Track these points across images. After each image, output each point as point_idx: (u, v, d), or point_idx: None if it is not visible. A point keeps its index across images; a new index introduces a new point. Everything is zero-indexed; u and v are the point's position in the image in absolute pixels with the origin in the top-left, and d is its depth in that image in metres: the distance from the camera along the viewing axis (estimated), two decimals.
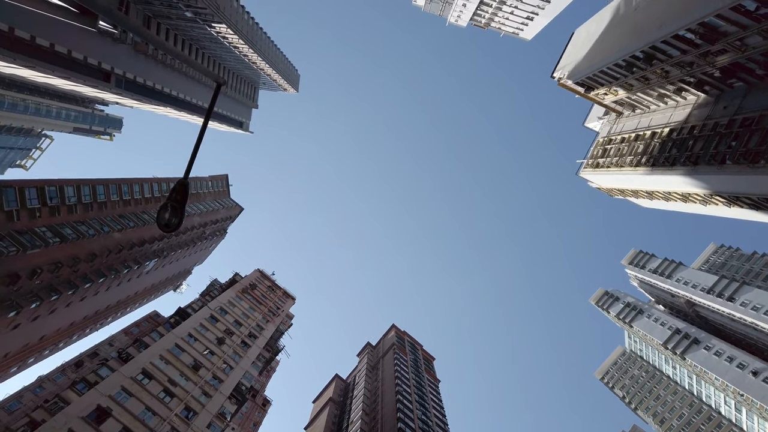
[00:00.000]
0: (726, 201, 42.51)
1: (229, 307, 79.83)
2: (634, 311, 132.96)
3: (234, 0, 77.30)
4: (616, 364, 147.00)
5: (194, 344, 65.21)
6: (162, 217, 9.58)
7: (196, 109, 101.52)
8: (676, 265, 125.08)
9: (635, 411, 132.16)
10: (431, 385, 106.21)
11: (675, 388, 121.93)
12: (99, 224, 63.90)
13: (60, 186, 57.43)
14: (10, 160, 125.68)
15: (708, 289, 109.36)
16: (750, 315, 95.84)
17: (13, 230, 50.31)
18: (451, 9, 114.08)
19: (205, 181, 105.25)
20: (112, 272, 70.58)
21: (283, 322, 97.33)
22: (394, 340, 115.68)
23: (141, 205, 76.58)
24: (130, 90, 75.98)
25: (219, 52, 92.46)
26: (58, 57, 57.81)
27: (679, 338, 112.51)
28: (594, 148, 60.95)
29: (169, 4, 64.72)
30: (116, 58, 68.28)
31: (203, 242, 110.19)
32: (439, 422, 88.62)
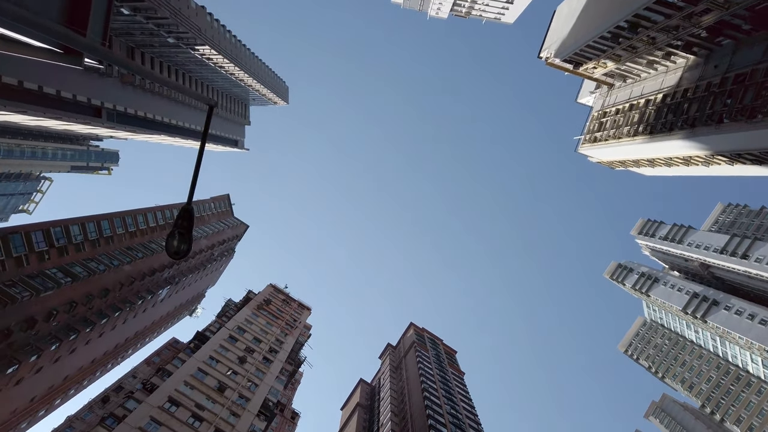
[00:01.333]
0: (728, 159, 42.34)
1: (246, 325, 79.95)
2: (650, 280, 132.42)
3: (214, 21, 77.47)
4: (638, 335, 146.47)
5: (217, 366, 65.33)
6: (171, 245, 9.65)
7: (190, 133, 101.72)
8: (686, 230, 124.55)
9: (663, 380, 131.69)
10: (456, 378, 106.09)
11: (700, 352, 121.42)
12: (108, 259, 64.14)
13: (65, 226, 57.67)
14: (13, 206, 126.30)
15: (721, 249, 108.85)
16: (766, 270, 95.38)
17: (25, 275, 50.55)
18: (431, 2, 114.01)
19: (207, 203, 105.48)
20: (127, 305, 70.80)
21: (301, 333, 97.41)
22: (414, 338, 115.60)
23: (147, 235, 76.81)
24: (122, 122, 76.22)
25: (206, 74, 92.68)
26: (48, 98, 58.11)
27: (697, 302, 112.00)
28: (590, 123, 60.82)
29: (150, 32, 64.96)
30: (105, 92, 68.53)
31: (213, 264, 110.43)
32: (469, 414, 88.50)
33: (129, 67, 9.23)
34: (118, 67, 68.11)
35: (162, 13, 59.40)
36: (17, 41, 10.73)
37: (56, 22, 10.89)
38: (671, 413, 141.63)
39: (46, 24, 8.74)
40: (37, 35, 10.93)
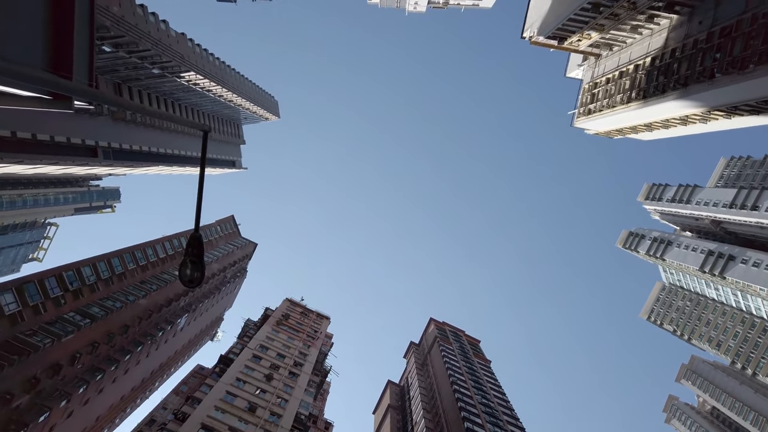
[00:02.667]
0: (725, 113, 42.12)
1: (268, 343, 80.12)
2: (663, 244, 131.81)
3: (196, 46, 77.70)
4: (659, 300, 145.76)
5: (245, 387, 65.49)
6: (185, 275, 9.69)
7: (187, 160, 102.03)
8: (692, 189, 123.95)
9: (689, 341, 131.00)
10: (483, 367, 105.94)
11: (722, 308, 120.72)
12: (123, 295, 64.42)
13: (77, 269, 57.96)
14: (23, 256, 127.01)
15: (729, 203, 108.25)
16: None
17: (44, 323, 50.84)
18: None
19: (213, 227, 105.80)
20: (148, 338, 71.08)
21: (323, 343, 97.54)
22: (435, 333, 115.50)
23: (159, 267, 77.11)
24: (119, 158, 76.57)
25: (194, 100, 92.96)
26: (43, 145, 58.46)
27: (713, 259, 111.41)
28: (582, 96, 60.63)
29: (135, 66, 65.21)
30: (98, 131, 68.86)
31: (227, 287, 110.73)
32: (500, 401, 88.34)
33: (119, 105, 9.26)
34: (109, 107, 68.50)
35: (143, 46, 59.61)
36: (5, 93, 10.78)
37: (41, 69, 10.94)
38: (702, 373, 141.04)
39: (33, 73, 8.77)
40: (25, 85, 10.97)
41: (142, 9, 59.80)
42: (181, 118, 9.37)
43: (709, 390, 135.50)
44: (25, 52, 11.46)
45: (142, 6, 59.64)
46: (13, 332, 47.24)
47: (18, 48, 11.05)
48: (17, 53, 11.38)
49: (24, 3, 10.59)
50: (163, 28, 65.19)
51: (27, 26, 11.08)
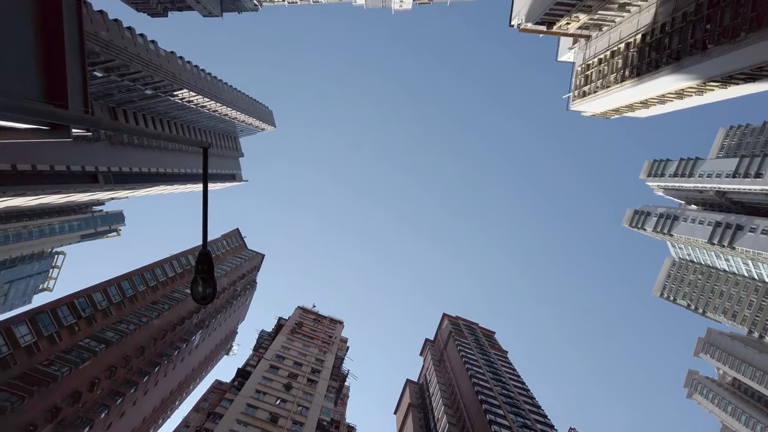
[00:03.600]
0: (720, 83, 41.98)
1: (284, 352, 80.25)
2: (669, 219, 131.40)
3: (186, 63, 77.87)
4: (670, 276, 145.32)
5: (265, 398, 65.61)
6: (197, 292, 9.73)
7: (188, 178, 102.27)
8: (694, 162, 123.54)
9: (704, 315, 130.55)
10: (500, 358, 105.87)
11: (735, 279, 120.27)
12: (136, 318, 64.62)
13: (88, 295, 58.18)
14: (33, 287, 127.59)
15: (732, 173, 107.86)
16: None
17: (60, 352, 51.04)
18: None
19: (219, 242, 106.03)
20: (164, 358, 71.27)
21: (339, 348, 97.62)
22: (450, 329, 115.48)
23: (169, 286, 77.31)
24: (120, 182, 76.82)
25: (190, 117, 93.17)
26: (44, 175, 58.68)
27: (721, 230, 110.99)
28: (575, 79, 60.50)
29: (128, 89, 65.43)
30: (97, 157, 69.08)
31: (238, 300, 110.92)
32: (521, 391, 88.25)
33: (117, 129, 9.33)
34: (106, 132, 68.76)
35: (134, 68, 59.79)
36: (3, 128, 10.84)
37: (37, 100, 10.99)
38: (720, 346, 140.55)
39: (29, 106, 8.82)
40: (22, 118, 11.03)
41: (130, 31, 59.96)
42: (179, 137, 9.39)
43: (729, 361, 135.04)
44: (19, 86, 11.53)
45: (129, 29, 59.80)
46: (31, 363, 47.45)
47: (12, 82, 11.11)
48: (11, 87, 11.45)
49: (14, 37, 10.65)
50: (152, 48, 65.36)
51: (19, 59, 11.14)
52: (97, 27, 51.55)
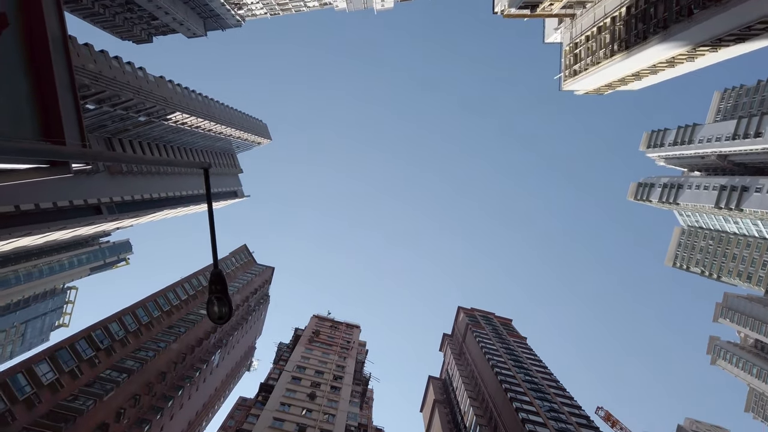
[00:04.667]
0: (710, 47, 41.81)
1: (304, 362, 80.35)
2: (674, 188, 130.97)
3: (176, 86, 78.09)
4: (681, 244, 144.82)
5: (290, 410, 65.70)
6: (213, 312, 9.78)
7: (191, 199, 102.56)
8: (692, 128, 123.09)
9: (719, 279, 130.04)
10: (520, 345, 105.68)
11: (746, 241, 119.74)
12: (154, 344, 64.83)
13: (104, 326, 58.43)
14: (49, 324, 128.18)
15: (732, 135, 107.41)
16: None
17: (83, 386, 51.25)
18: None
19: (228, 259, 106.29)
20: (186, 380, 71.46)
21: (359, 352, 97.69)
22: (466, 321, 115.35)
23: (183, 309, 77.53)
24: (123, 211, 77.08)
25: (186, 139, 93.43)
26: (47, 213, 58.92)
27: (727, 194, 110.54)
28: (564, 59, 60.36)
29: (121, 118, 65.67)
30: (98, 189, 69.34)
31: (253, 315, 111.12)
32: (544, 376, 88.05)
33: (117, 160, 9.34)
34: (104, 163, 69.00)
35: (125, 96, 60.00)
36: (3, 170, 10.90)
37: (34, 140, 11.05)
38: (738, 308, 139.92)
39: (28, 146, 8.88)
40: (21, 159, 11.10)
41: (117, 61, 60.19)
42: (178, 161, 9.44)
43: (749, 323, 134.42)
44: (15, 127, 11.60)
45: (116, 58, 60.03)
46: (55, 400, 47.67)
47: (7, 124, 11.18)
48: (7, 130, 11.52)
49: (5, 79, 10.70)
50: (141, 75, 65.58)
51: (12, 101, 11.20)
52: (85, 60, 51.76)
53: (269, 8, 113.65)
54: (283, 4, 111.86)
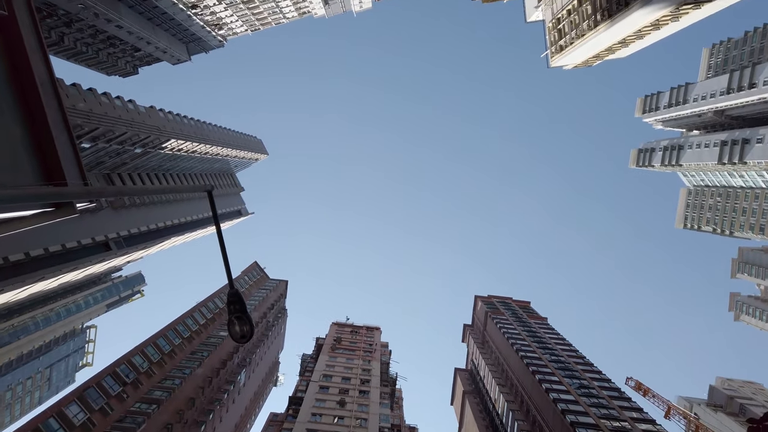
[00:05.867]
0: (693, 4, 41.57)
1: (330, 370, 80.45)
2: (675, 150, 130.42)
3: (167, 114, 78.34)
4: (689, 205, 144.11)
5: (322, 419, 65.80)
6: (235, 332, 9.80)
7: (196, 224, 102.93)
8: (685, 88, 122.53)
9: (732, 235, 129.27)
10: (541, 326, 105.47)
11: (754, 193, 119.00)
12: (179, 371, 65.05)
13: (128, 360, 58.69)
14: (73, 365, 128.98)
15: (726, 90, 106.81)
16: None
17: (114, 422, 51.48)
18: (351, 0, 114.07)
19: (240, 278, 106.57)
20: (216, 403, 71.68)
21: (382, 353, 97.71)
22: (485, 309, 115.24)
23: (203, 333, 77.77)
24: (131, 244, 77.43)
25: (183, 164, 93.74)
26: (57, 256, 59.27)
27: (729, 149, 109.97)
28: (549, 36, 60.17)
29: (117, 152, 65.96)
30: (104, 225, 69.69)
31: (272, 330, 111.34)
32: (570, 353, 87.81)
33: (121, 194, 9.36)
34: (107, 199, 69.28)
35: (119, 131, 60.27)
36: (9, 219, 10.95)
37: (36, 185, 11.10)
38: (755, 261, 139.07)
39: (31, 192, 8.91)
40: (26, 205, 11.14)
41: (107, 96, 60.46)
42: (180, 187, 9.48)
43: (767, 275, 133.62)
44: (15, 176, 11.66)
45: (105, 94, 60.31)
46: None
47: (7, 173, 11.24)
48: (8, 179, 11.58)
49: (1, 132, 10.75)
50: (131, 107, 65.85)
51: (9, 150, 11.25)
52: (74, 100, 52.01)
53: (249, 24, 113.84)
54: (262, 19, 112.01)
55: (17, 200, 8.55)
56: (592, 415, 63.00)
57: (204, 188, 10.08)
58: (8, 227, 11.13)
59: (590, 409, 64.78)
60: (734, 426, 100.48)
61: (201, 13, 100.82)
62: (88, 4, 76.28)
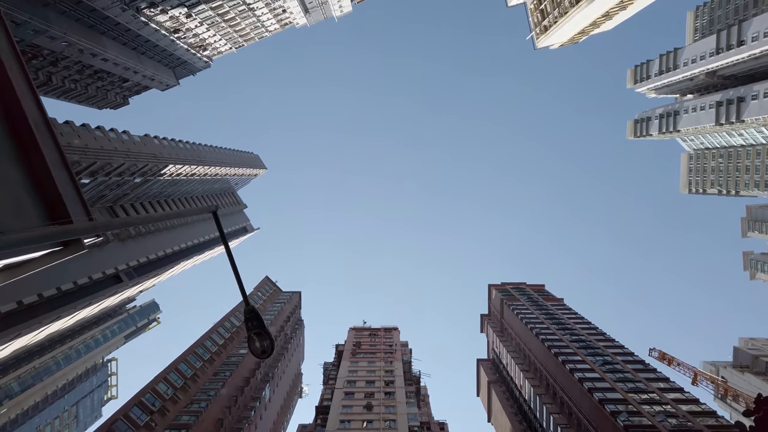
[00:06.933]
0: None
1: (353, 376, 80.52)
2: (671, 117, 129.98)
3: (162, 140, 78.60)
4: (691, 170, 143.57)
5: (351, 425, 65.84)
6: (255, 348, 9.84)
7: (204, 246, 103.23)
8: (674, 53, 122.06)
9: (738, 195, 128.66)
10: (558, 307, 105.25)
11: (755, 150, 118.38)
12: (204, 394, 65.22)
13: (152, 389, 58.88)
14: (99, 399, 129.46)
15: (714, 50, 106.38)
16: (766, 42, 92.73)
17: None
18: (330, 5, 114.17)
19: (253, 294, 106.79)
20: (244, 421, 71.81)
21: (403, 353, 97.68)
22: (500, 297, 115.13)
23: (223, 353, 77.95)
24: (142, 274, 77.72)
25: (184, 189, 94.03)
26: (70, 294, 59.54)
27: (725, 108, 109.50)
28: (532, 17, 60.09)
29: (117, 184, 66.21)
30: (112, 258, 69.97)
31: (291, 343, 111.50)
32: (590, 331, 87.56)
33: (127, 224, 9.39)
34: (113, 231, 69.49)
35: (116, 162, 60.51)
36: (20, 263, 11.00)
37: (42, 225, 11.16)
38: (764, 218, 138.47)
39: (37, 233, 8.94)
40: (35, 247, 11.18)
41: (101, 130, 60.73)
42: (185, 210, 9.48)
43: None
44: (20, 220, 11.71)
45: (99, 128, 60.58)
46: None
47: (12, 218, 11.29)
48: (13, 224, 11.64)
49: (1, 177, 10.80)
50: (126, 138, 66.11)
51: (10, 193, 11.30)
52: (69, 137, 52.25)
53: (232, 42, 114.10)
54: (245, 35, 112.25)
55: (26, 243, 8.59)
56: (620, 390, 62.85)
57: (208, 209, 10.10)
58: (20, 271, 11.18)
59: (617, 384, 64.63)
60: (763, 385, 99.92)
61: (184, 37, 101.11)
62: (72, 41, 76.59)
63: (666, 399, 60.36)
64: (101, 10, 75.81)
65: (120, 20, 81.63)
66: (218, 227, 9.97)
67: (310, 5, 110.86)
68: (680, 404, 59.35)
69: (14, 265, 10.88)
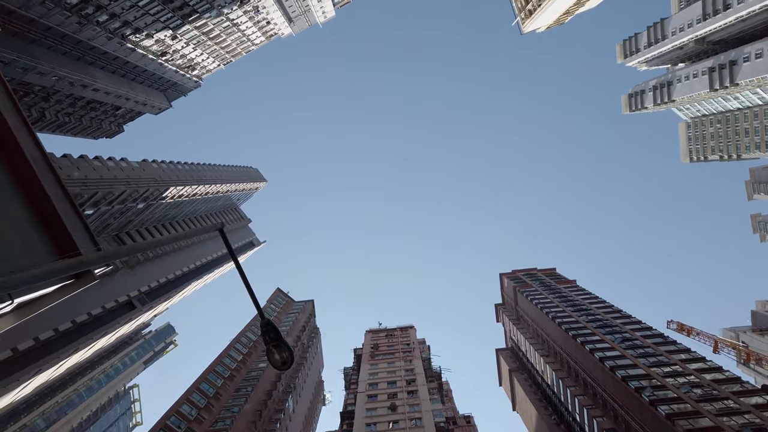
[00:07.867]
0: None
1: (374, 378, 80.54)
2: (665, 87, 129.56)
3: (161, 163, 78.87)
4: (690, 138, 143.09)
5: (377, 427, 65.89)
6: (275, 361, 9.84)
7: (212, 264, 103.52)
8: (661, 23, 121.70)
9: (740, 159, 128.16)
10: (571, 289, 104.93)
11: (752, 112, 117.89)
12: (228, 411, 65.36)
13: (176, 411, 59.06)
14: (125, 427, 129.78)
15: (702, 16, 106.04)
16: (751, 4, 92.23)
17: None
18: (313, 12, 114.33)
19: (267, 307, 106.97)
20: None
21: (421, 350, 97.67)
22: (512, 285, 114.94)
23: (243, 369, 78.08)
24: (154, 298, 77.99)
25: (187, 209, 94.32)
26: (85, 326, 59.80)
27: (718, 74, 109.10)
28: (516, 2, 60.03)
29: (120, 212, 66.45)
30: (123, 286, 70.24)
31: (309, 351, 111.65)
32: (606, 310, 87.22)
33: (136, 250, 9.40)
34: (122, 259, 69.76)
35: (117, 190, 60.74)
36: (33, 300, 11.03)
37: (52, 260, 11.19)
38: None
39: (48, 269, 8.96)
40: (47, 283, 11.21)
41: (99, 160, 60.99)
42: (191, 231, 9.53)
43: None
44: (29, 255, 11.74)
45: (97, 158, 60.84)
46: None
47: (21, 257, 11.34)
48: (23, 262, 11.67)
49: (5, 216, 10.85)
50: (124, 165, 66.36)
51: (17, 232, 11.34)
52: (69, 170, 52.48)
53: (220, 59, 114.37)
54: (231, 51, 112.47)
55: (37, 280, 8.62)
56: (642, 365, 62.64)
57: (214, 227, 10.11)
58: (34, 308, 11.22)
59: (638, 360, 64.42)
60: None
61: (171, 59, 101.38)
62: (61, 75, 76.93)
63: (689, 370, 60.12)
64: (87, 41, 76.07)
65: (107, 49, 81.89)
66: (226, 244, 9.99)
67: (293, 14, 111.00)
68: (704, 374, 59.08)
69: (28, 302, 10.92)
